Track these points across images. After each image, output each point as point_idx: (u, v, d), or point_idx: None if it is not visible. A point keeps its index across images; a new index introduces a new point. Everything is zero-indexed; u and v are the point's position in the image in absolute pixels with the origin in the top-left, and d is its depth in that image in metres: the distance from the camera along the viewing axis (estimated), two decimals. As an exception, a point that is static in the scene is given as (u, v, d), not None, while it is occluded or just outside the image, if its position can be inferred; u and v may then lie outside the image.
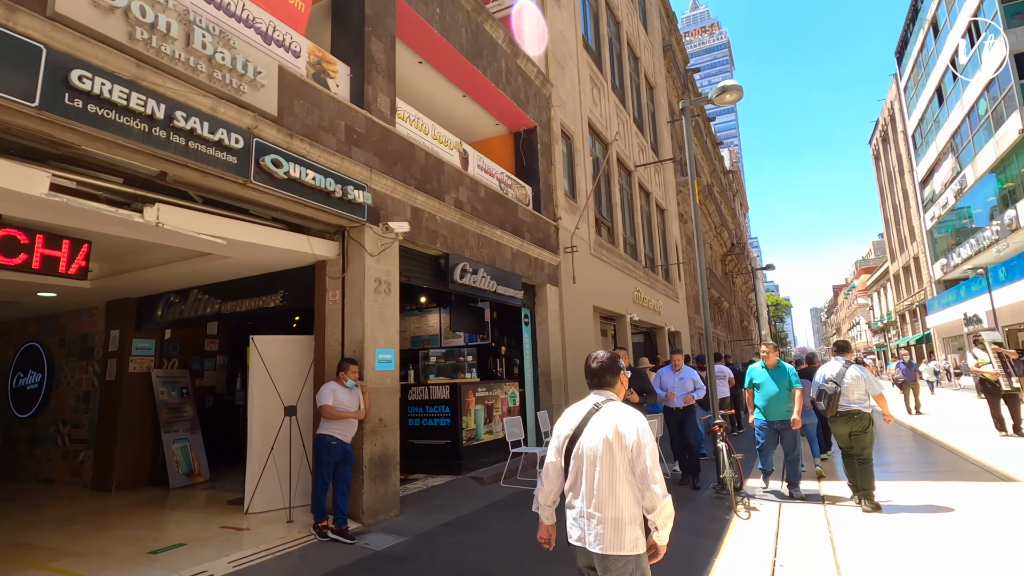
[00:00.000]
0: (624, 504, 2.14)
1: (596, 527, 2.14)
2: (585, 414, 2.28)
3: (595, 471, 2.17)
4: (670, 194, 21.54)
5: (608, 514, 2.14)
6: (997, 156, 25.68)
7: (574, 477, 2.25)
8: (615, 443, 2.16)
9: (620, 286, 14.16)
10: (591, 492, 2.17)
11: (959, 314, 30.88)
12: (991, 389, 8.58)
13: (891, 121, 45.02)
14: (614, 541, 2.11)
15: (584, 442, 2.22)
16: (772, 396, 6.10)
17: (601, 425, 2.21)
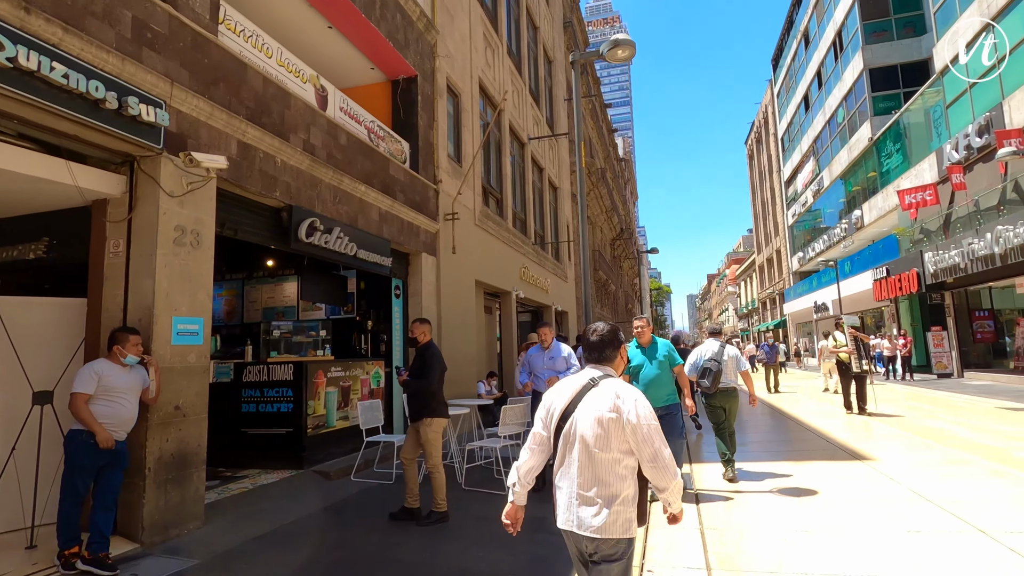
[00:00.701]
0: (618, 486, 2.02)
1: (589, 509, 2.02)
2: (580, 389, 2.12)
3: (588, 451, 2.03)
4: (564, 173, 21.29)
5: (602, 496, 2.01)
6: (850, 161, 28.51)
7: (563, 456, 2.11)
8: (612, 422, 2.02)
9: (507, 261, 13.50)
10: (584, 473, 2.04)
11: (810, 302, 34.36)
12: (845, 370, 9.09)
13: (764, 124, 48.87)
14: (607, 524, 1.99)
15: (578, 419, 2.07)
16: (651, 380, 5.11)
17: (598, 402, 2.06)
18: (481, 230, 11.61)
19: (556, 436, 2.12)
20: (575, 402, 2.11)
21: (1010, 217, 14.58)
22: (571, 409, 2.10)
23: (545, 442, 2.18)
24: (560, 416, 2.12)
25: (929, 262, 18.61)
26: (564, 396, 2.15)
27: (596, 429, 2.03)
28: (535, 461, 2.20)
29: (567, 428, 2.10)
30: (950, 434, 7.81)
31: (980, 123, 16.59)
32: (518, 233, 14.50)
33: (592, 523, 2.00)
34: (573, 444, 2.08)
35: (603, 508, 2.00)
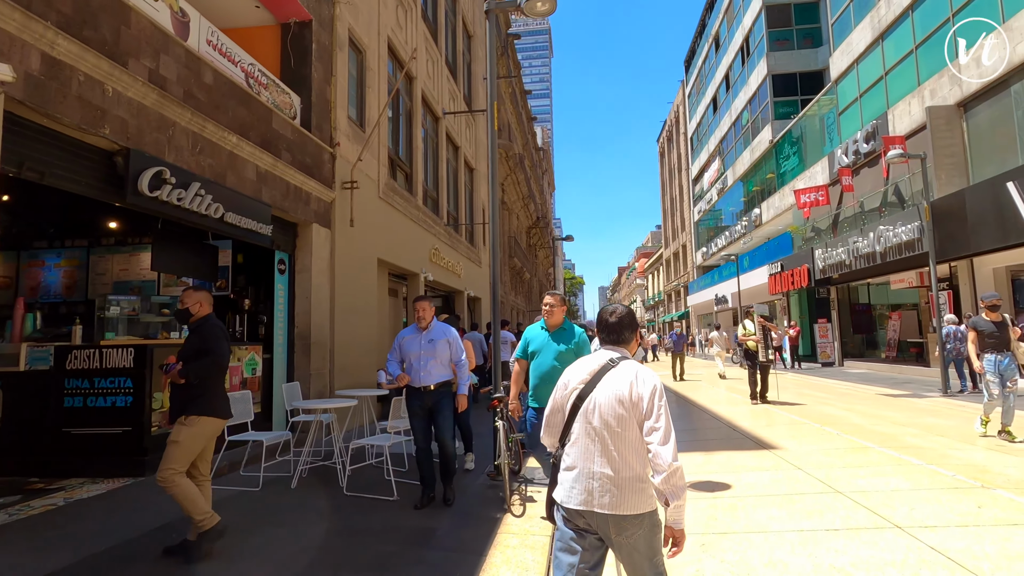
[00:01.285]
0: (639, 465, 2.01)
1: (610, 488, 1.99)
2: (599, 368, 2.11)
3: (611, 431, 2.02)
4: (481, 154, 20.54)
5: (625, 474, 2.00)
6: (752, 162, 30.11)
7: (579, 435, 2.08)
8: (632, 402, 2.02)
9: (415, 241, 12.56)
10: (605, 452, 2.02)
11: (712, 295, 36.22)
12: (752, 359, 9.18)
13: (676, 123, 50.86)
14: (632, 501, 1.98)
15: (598, 399, 2.06)
16: (548, 372, 4.03)
17: (617, 382, 2.06)
18: (386, 204, 10.60)
19: (572, 415, 2.11)
20: (594, 382, 2.10)
21: (890, 218, 15.76)
22: (589, 389, 2.09)
23: (561, 422, 2.17)
24: (578, 395, 2.11)
25: (819, 259, 19.90)
26: (581, 375, 2.14)
27: (618, 409, 2.03)
28: (551, 436, 2.22)
29: (585, 407, 2.08)
30: (845, 421, 8.00)
31: (868, 130, 17.81)
32: (429, 212, 13.60)
33: (615, 502, 1.98)
34: (592, 424, 2.06)
35: (625, 487, 1.99)
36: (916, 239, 14.34)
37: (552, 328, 4.25)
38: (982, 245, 12.37)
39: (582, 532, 2.04)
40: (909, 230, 14.56)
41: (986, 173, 13.06)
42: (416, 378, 4.57)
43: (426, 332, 4.64)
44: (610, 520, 1.98)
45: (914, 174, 15.55)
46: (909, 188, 15.86)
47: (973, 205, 12.52)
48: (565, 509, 2.07)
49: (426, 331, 4.64)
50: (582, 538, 2.05)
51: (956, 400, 10.27)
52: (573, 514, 2.05)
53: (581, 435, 2.08)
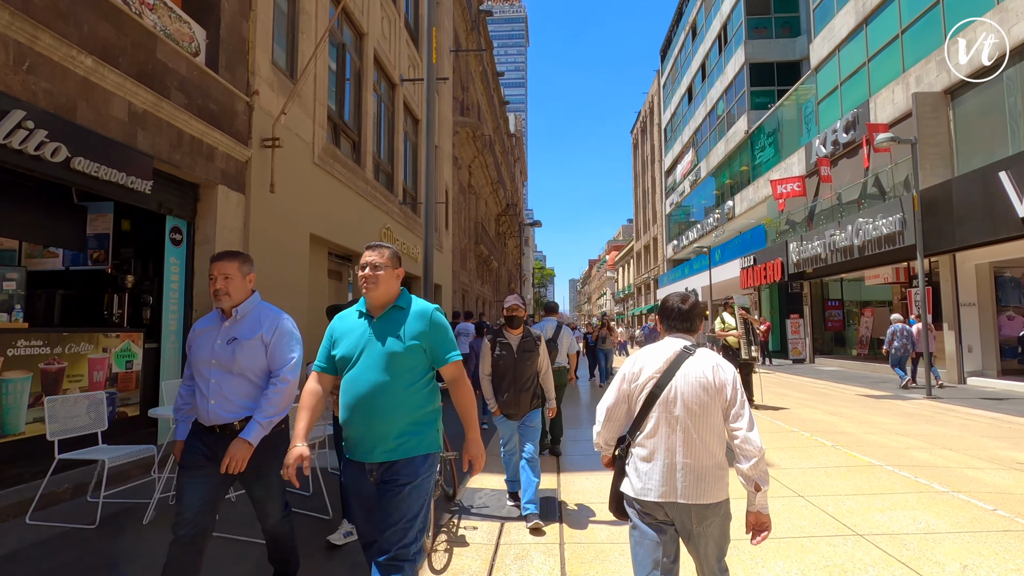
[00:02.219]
0: (720, 452, 2.02)
1: (693, 477, 1.96)
2: (675, 357, 2.06)
3: (693, 419, 2.00)
4: (445, 132, 19.15)
5: (708, 462, 1.98)
6: (726, 153, 29.47)
7: (659, 425, 2.03)
8: (715, 389, 2.01)
9: (363, 218, 11.20)
10: (688, 441, 1.99)
11: (682, 288, 35.71)
12: (731, 356, 8.17)
13: (650, 113, 50.16)
14: (714, 489, 1.97)
15: (679, 387, 2.02)
16: (364, 395, 2.55)
17: (698, 369, 2.03)
18: (324, 172, 9.22)
19: (648, 405, 2.04)
20: (672, 370, 2.05)
21: (870, 210, 15.09)
22: (668, 377, 2.04)
23: (624, 413, 2.12)
24: (656, 384, 2.04)
25: (793, 252, 19.26)
26: (656, 363, 2.08)
27: (703, 397, 2.01)
28: (611, 435, 2.15)
29: (665, 396, 2.03)
30: (835, 428, 7.08)
31: (848, 119, 17.13)
32: (381, 187, 12.22)
33: (699, 491, 1.96)
34: (674, 413, 2.02)
35: (708, 476, 1.97)
36: (897, 232, 13.67)
37: (375, 308, 2.26)
38: (968, 239, 11.72)
39: (661, 525, 2.00)
40: (890, 223, 13.89)
41: (972, 164, 12.41)
42: (202, 409, 2.47)
43: (236, 322, 2.53)
44: (693, 510, 1.96)
45: (896, 164, 14.91)
46: (891, 179, 15.22)
47: (961, 196, 11.84)
48: (642, 503, 2.01)
49: (234, 321, 2.53)
50: (662, 532, 2.00)
51: (941, 403, 9.55)
52: (652, 507, 2.00)
53: (661, 425, 2.03)
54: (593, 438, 2.20)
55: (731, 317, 8.34)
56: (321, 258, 9.93)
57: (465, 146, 22.63)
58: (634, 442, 2.06)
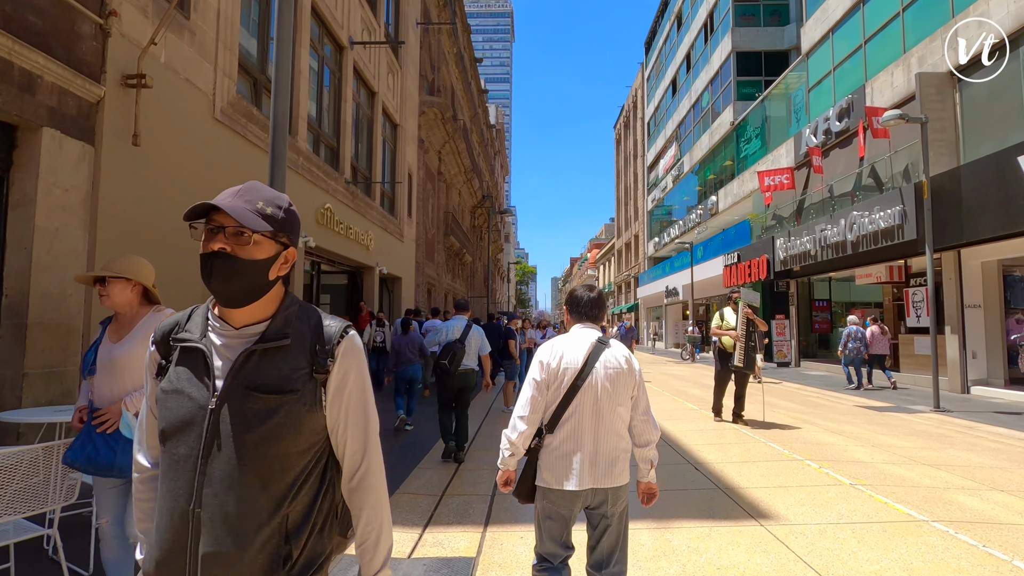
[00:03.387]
0: (627, 437, 2.14)
1: (613, 462, 2.07)
2: (592, 348, 2.13)
3: (611, 406, 2.09)
4: (409, 111, 17.51)
5: (623, 446, 2.11)
6: (710, 146, 28.29)
7: (578, 413, 2.07)
8: (628, 378, 2.12)
9: (294, 194, 9.57)
10: (606, 428, 2.07)
11: (663, 287, 34.52)
12: (723, 360, 6.69)
13: (633, 108, 48.95)
14: (626, 470, 2.10)
15: (599, 377, 2.09)
16: None
17: (613, 359, 2.13)
18: (233, 133, 7.59)
19: (569, 395, 2.06)
20: (592, 360, 2.09)
21: (865, 203, 13.90)
22: (588, 368, 2.08)
23: (542, 408, 2.10)
24: (577, 374, 2.07)
25: (780, 248, 18.07)
26: (575, 354, 2.10)
27: (617, 384, 2.09)
28: (532, 429, 2.10)
29: (586, 386, 2.06)
30: (845, 454, 5.71)
31: (842, 106, 15.93)
32: (320, 161, 10.59)
33: (616, 474, 2.06)
34: (595, 402, 2.07)
35: (622, 459, 2.09)
36: (896, 226, 12.47)
37: None
38: (979, 233, 10.52)
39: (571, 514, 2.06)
40: (888, 216, 12.68)
41: (980, 151, 11.22)
42: None
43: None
44: (610, 493, 2.05)
45: (896, 152, 13.72)
46: (889, 168, 14.03)
47: (971, 186, 10.63)
48: (560, 493, 2.03)
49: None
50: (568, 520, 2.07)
51: (952, 417, 8.30)
52: (571, 496, 2.03)
53: (582, 414, 2.06)
54: (510, 438, 2.08)
55: (733, 314, 6.87)
56: (233, 238, 8.30)
57: (433, 129, 21.01)
58: (553, 434, 2.07)
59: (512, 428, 2.09)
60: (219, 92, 7.20)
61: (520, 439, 2.07)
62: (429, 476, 5.07)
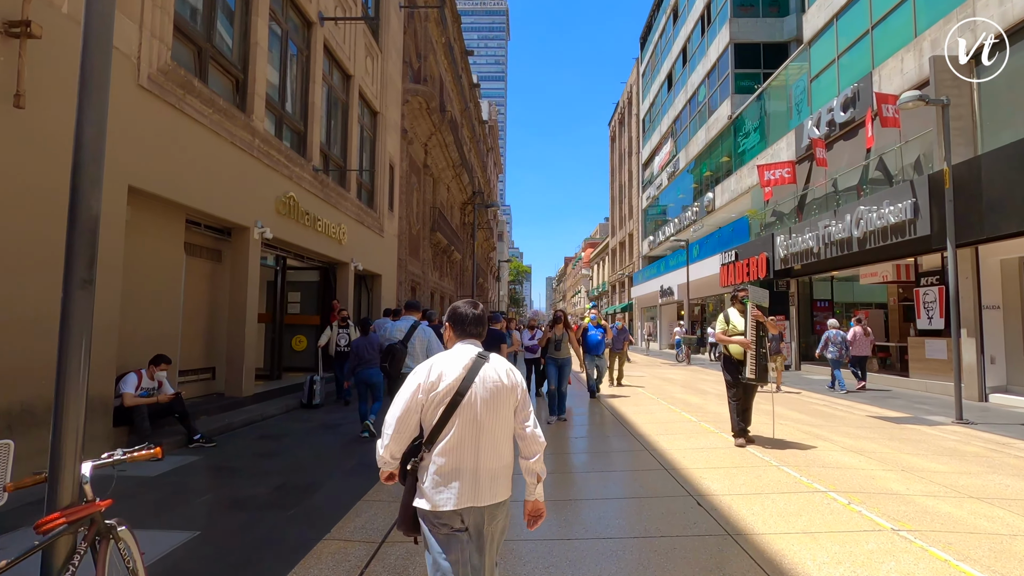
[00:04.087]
0: (510, 451, 2.11)
1: (492, 479, 2.03)
2: (471, 364, 2.08)
3: (492, 422, 2.05)
4: (391, 98, 16.53)
5: (505, 462, 2.08)
6: (707, 141, 27.43)
7: (458, 432, 2.01)
8: (508, 393, 2.09)
9: (249, 180, 8.61)
10: (487, 444, 2.03)
11: (657, 287, 33.67)
12: (732, 369, 5.70)
13: (628, 104, 48.09)
14: (506, 487, 2.08)
15: (479, 393, 2.04)
16: None
17: (494, 374, 2.09)
18: (166, 105, 6.60)
19: (448, 413, 2.01)
20: (471, 376, 2.05)
21: (873, 197, 13.03)
22: (467, 384, 2.03)
23: (416, 425, 2.06)
24: (456, 391, 2.02)
25: (780, 246, 17.21)
26: (455, 370, 2.06)
27: (500, 400, 2.06)
28: (402, 443, 2.07)
29: (466, 402, 2.02)
30: (875, 484, 4.81)
31: (847, 95, 15.07)
32: (281, 145, 9.60)
33: (496, 491, 2.03)
34: (475, 418, 2.03)
35: (503, 475, 2.06)
36: (908, 221, 11.61)
37: None
38: (1000, 228, 9.66)
39: (456, 534, 1.98)
40: (899, 210, 11.82)
41: (1001, 140, 10.36)
42: None
43: None
44: (486, 511, 2.01)
45: (907, 142, 12.86)
46: (899, 160, 13.17)
47: (992, 176, 9.77)
48: (439, 515, 1.98)
49: None
50: (458, 540, 1.98)
51: (978, 431, 7.45)
52: (450, 516, 1.98)
53: (462, 432, 2.02)
54: (380, 454, 2.08)
55: (740, 317, 5.91)
56: (170, 226, 7.30)
57: (419, 119, 20.02)
58: (431, 453, 2.02)
59: (381, 445, 2.07)
60: (146, 56, 6.21)
61: (388, 454, 2.06)
62: (372, 514, 4.13)
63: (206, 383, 8.53)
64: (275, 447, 6.48)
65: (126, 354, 6.29)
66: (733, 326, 5.93)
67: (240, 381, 8.48)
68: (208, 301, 8.59)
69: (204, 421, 7.13)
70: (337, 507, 4.26)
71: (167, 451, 6.01)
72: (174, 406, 6.17)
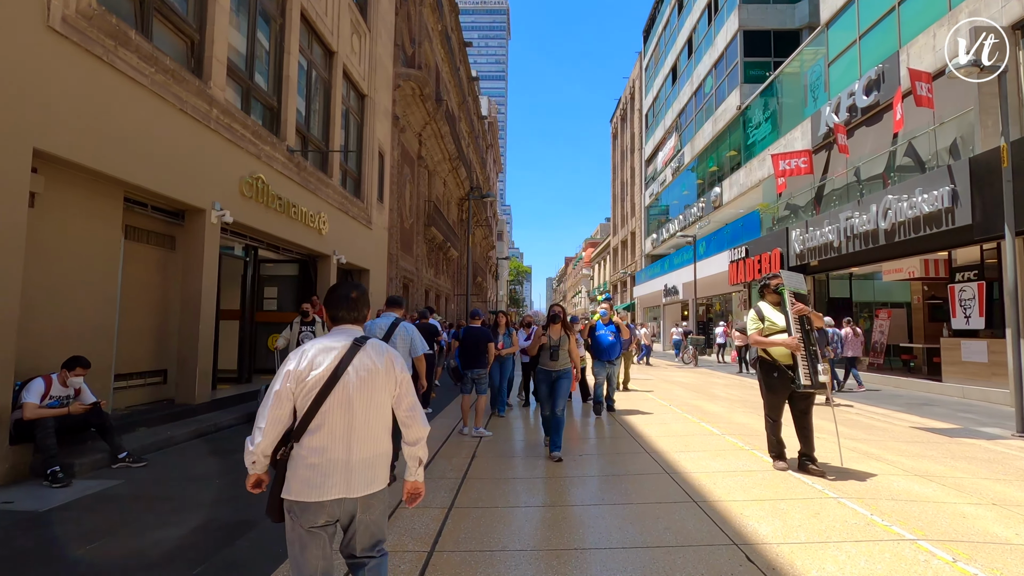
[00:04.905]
0: (386, 440, 2.09)
1: (367, 468, 1.98)
2: (347, 350, 2.01)
3: (367, 409, 2.00)
4: (380, 81, 15.45)
5: (379, 451, 2.03)
6: (714, 134, 26.35)
7: (330, 421, 1.94)
8: (387, 379, 2.05)
9: (207, 155, 7.53)
10: (361, 433, 1.98)
11: (660, 286, 32.57)
12: (777, 378, 4.59)
13: (631, 99, 47.01)
14: (380, 476, 2.02)
15: (352, 380, 1.98)
16: None
17: (371, 360, 2.04)
18: (84, 53, 5.52)
19: (319, 401, 1.94)
20: (344, 364, 1.98)
21: (903, 185, 11.93)
22: (340, 371, 1.97)
23: (289, 415, 1.97)
24: (329, 378, 1.95)
25: (796, 240, 16.12)
26: (327, 357, 1.99)
27: (375, 387, 2.01)
28: (277, 437, 1.98)
29: (337, 390, 1.95)
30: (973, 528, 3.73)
31: (871, 77, 13.99)
32: (246, 118, 8.52)
33: (370, 480, 1.98)
34: (348, 406, 1.97)
35: (380, 464, 2.02)
36: (944, 209, 10.51)
37: None
38: (1058, 214, 8.57)
39: (325, 527, 1.96)
40: (934, 198, 10.72)
41: (1053, 118, 9.28)
42: None
43: None
44: (360, 501, 1.97)
45: (942, 124, 11.76)
46: (931, 144, 12.07)
47: (1049, 156, 8.69)
48: (306, 506, 1.91)
49: None
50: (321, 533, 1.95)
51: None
52: (317, 508, 1.91)
53: (334, 420, 1.95)
54: (249, 448, 1.96)
55: (775, 311, 4.73)
56: (104, 205, 6.21)
57: (412, 106, 18.94)
58: (301, 442, 1.94)
59: (251, 439, 1.97)
60: (60, -6, 5.13)
61: (259, 450, 1.95)
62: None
63: (155, 388, 7.44)
64: (216, 467, 5.39)
65: (36, 355, 5.21)
66: (770, 323, 4.76)
67: (192, 386, 7.37)
68: (158, 294, 7.51)
69: (141, 434, 6.05)
70: (263, 560, 3.16)
71: (81, 474, 4.92)
72: (90, 418, 5.08)
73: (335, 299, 2.13)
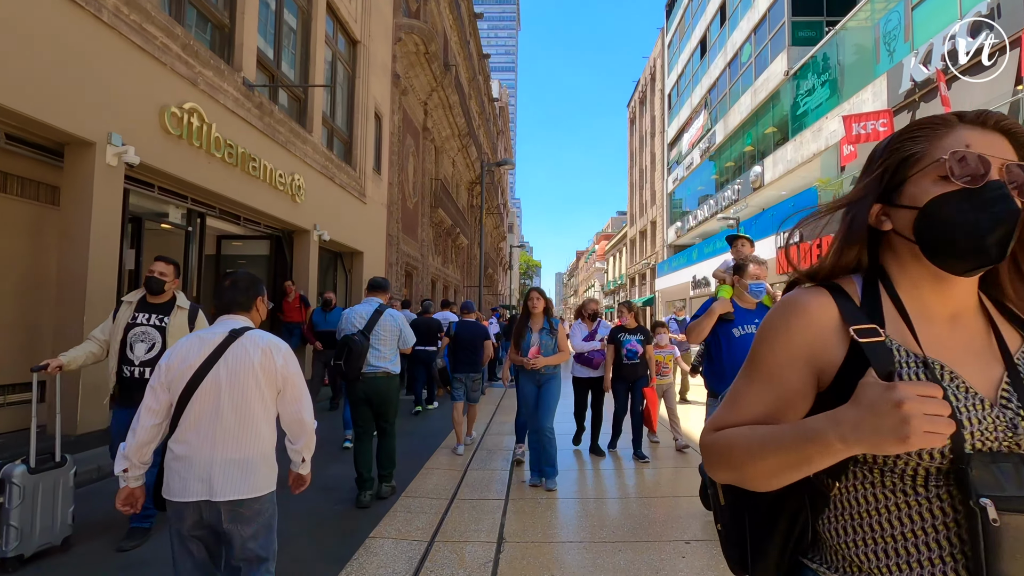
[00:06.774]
0: (266, 440, 1.92)
1: (232, 471, 1.81)
2: (220, 342, 1.89)
3: (239, 406, 1.85)
4: (377, 29, 12.95)
5: (250, 453, 1.85)
6: (753, 108, 23.63)
7: (200, 417, 1.83)
8: (265, 374, 1.90)
9: (104, 66, 5.07)
10: (235, 430, 1.83)
11: (687, 277, 29.91)
12: None
13: (651, 80, 44.18)
14: (254, 482, 1.84)
15: (223, 375, 1.84)
16: None
17: (247, 354, 1.89)
18: None
19: (187, 395, 1.83)
20: (215, 358, 1.87)
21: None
22: (209, 366, 1.85)
23: (165, 411, 1.87)
24: (196, 371, 1.84)
25: (871, 219, 13.49)
26: (199, 349, 1.88)
27: (246, 381, 1.87)
28: (152, 435, 1.85)
29: (204, 386, 1.83)
30: None
31: (980, 12, 11.29)
32: (174, 28, 6.03)
33: (238, 485, 1.82)
34: (217, 402, 1.84)
35: (251, 467, 1.86)
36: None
37: None
38: None
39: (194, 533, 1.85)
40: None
41: None
42: None
43: None
44: (224, 508, 1.82)
45: (1104, 57, 9.07)
46: (1084, 86, 9.38)
47: None
48: (173, 505, 1.84)
49: None
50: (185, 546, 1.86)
51: None
52: (182, 509, 1.83)
53: (201, 417, 1.83)
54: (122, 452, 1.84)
55: None
56: None
57: (415, 67, 16.43)
58: (173, 438, 1.86)
59: (123, 446, 1.87)
60: None
61: (133, 452, 1.84)
62: None
63: (27, 411, 5.03)
64: None
65: None
66: None
67: (75, 408, 4.92)
68: (32, 272, 5.08)
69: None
70: None
71: None
72: None
73: (220, 288, 2.04)
